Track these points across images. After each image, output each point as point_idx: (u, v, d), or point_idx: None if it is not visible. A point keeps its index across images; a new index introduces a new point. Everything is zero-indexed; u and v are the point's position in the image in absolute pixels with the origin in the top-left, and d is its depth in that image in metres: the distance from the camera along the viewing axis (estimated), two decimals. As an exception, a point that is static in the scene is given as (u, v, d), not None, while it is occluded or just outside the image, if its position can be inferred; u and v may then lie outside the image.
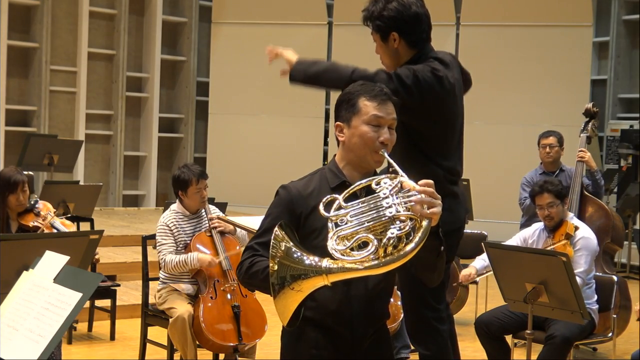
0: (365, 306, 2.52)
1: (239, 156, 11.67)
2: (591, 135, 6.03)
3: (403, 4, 3.40)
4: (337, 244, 2.23)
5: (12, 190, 4.56)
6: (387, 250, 2.19)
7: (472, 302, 6.57)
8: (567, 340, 4.66)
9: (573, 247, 4.84)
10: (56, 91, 10.69)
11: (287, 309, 2.24)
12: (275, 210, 2.55)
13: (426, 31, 3.45)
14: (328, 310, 2.50)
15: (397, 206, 2.24)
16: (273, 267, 2.20)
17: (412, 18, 3.40)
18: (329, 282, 2.20)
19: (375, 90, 2.54)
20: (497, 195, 9.69)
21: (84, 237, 3.63)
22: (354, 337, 2.53)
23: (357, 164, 2.54)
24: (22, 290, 2.29)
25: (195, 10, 11.78)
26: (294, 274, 2.20)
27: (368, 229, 2.23)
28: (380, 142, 2.49)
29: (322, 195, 2.40)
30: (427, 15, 3.46)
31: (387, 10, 3.40)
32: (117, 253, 7.70)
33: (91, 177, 10.93)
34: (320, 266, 2.19)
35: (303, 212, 2.50)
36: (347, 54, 11.80)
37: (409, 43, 3.44)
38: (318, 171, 2.62)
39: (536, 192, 5.03)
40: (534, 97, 10.69)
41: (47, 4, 10.38)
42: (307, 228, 2.49)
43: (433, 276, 2.52)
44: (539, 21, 10.79)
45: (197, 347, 4.63)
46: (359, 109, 2.51)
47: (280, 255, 2.22)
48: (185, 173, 4.84)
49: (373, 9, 3.45)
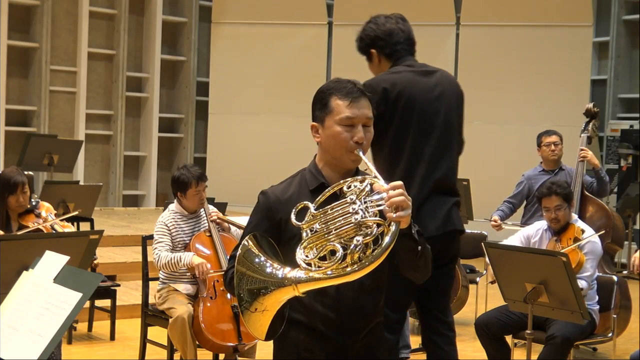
0: (354, 307, 2.48)
1: (239, 156, 11.67)
2: (591, 135, 6.03)
3: (377, 22, 3.83)
4: (306, 253, 2.20)
5: (12, 192, 4.56)
6: (355, 257, 2.15)
7: (472, 302, 6.57)
8: (567, 341, 4.66)
9: (581, 250, 4.82)
10: (56, 91, 10.69)
11: (259, 329, 2.20)
12: (254, 217, 2.52)
13: (402, 44, 3.79)
14: (316, 313, 2.46)
15: (364, 211, 2.20)
16: (235, 279, 2.18)
17: (385, 34, 3.79)
18: (299, 292, 2.16)
19: (347, 87, 2.48)
20: (497, 195, 9.65)
21: (84, 237, 3.63)
22: (344, 338, 2.49)
23: (335, 164, 2.50)
24: (22, 290, 2.29)
25: (195, 10, 11.78)
26: (252, 289, 2.16)
27: (337, 235, 2.20)
28: (354, 142, 2.43)
29: (301, 198, 2.37)
30: (404, 30, 3.82)
31: (364, 32, 3.85)
32: (117, 253, 7.70)
33: (91, 177, 10.93)
34: (279, 276, 2.15)
35: (282, 217, 2.45)
36: (347, 54, 11.82)
37: (386, 56, 3.82)
38: (299, 173, 2.58)
39: (544, 194, 4.98)
40: (534, 97, 10.69)
41: (47, 4, 10.38)
42: (287, 233, 2.44)
43: (416, 275, 2.48)
44: (539, 21, 10.79)
45: (197, 347, 4.63)
46: (331, 109, 2.46)
47: (240, 262, 2.20)
48: (185, 175, 4.83)
49: (357, 37, 3.89)
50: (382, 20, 3.82)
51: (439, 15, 11.03)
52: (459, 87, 3.92)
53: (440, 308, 3.86)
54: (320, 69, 11.46)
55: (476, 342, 5.09)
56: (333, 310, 2.47)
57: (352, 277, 2.14)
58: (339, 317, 2.47)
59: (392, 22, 3.81)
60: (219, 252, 4.79)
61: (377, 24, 3.82)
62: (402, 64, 3.78)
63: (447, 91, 3.81)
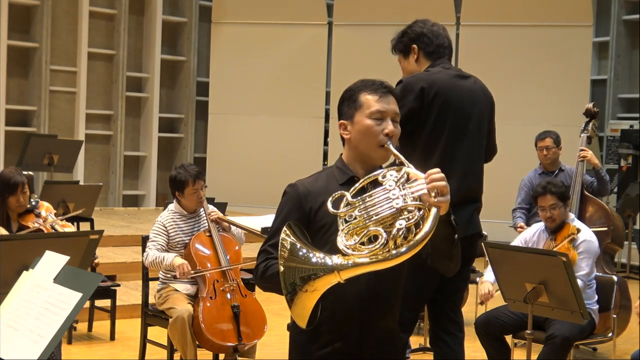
0: (374, 301, 2.49)
1: (238, 156, 11.67)
2: (591, 135, 6.03)
3: (425, 23, 3.92)
4: (347, 239, 2.23)
5: (12, 192, 4.56)
6: (397, 241, 2.18)
7: (472, 302, 6.57)
8: (567, 340, 4.66)
9: (576, 250, 4.83)
10: (56, 91, 10.69)
11: (304, 311, 2.22)
12: (284, 209, 2.55)
13: (445, 47, 3.88)
14: (337, 308, 2.46)
15: (404, 197, 2.24)
16: (281, 270, 2.20)
17: (432, 33, 3.88)
18: (342, 279, 2.19)
19: (376, 84, 2.55)
20: (497, 195, 9.67)
21: (84, 237, 3.63)
22: (363, 333, 2.50)
23: (363, 160, 2.54)
24: (22, 290, 2.29)
25: (195, 10, 11.78)
26: (303, 276, 2.19)
27: (377, 222, 2.23)
28: (384, 135, 2.48)
29: (331, 190, 2.39)
30: (448, 38, 3.93)
31: (411, 28, 3.92)
32: (117, 253, 7.70)
33: (91, 177, 10.93)
34: (329, 264, 2.18)
35: (312, 207, 2.50)
36: (347, 54, 11.86)
37: (427, 54, 3.87)
38: (325, 170, 2.62)
39: (539, 193, 5.01)
40: (534, 97, 10.68)
41: (47, 4, 10.37)
42: (317, 223, 2.48)
43: (450, 265, 2.51)
44: (539, 21, 10.79)
45: (197, 347, 4.63)
46: (361, 104, 2.52)
47: (287, 257, 2.21)
48: (182, 174, 4.83)
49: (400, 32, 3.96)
50: (430, 23, 3.93)
51: (439, 15, 10.99)
52: (491, 95, 3.99)
53: (453, 308, 3.92)
54: (320, 69, 11.46)
55: (476, 342, 5.08)
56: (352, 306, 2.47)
57: (394, 262, 2.17)
58: (358, 313, 2.47)
59: (440, 27, 3.94)
60: (218, 252, 4.79)
61: (425, 24, 3.91)
62: (439, 65, 3.83)
63: (480, 97, 3.88)
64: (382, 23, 10.62)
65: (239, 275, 4.82)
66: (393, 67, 4.18)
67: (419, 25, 3.90)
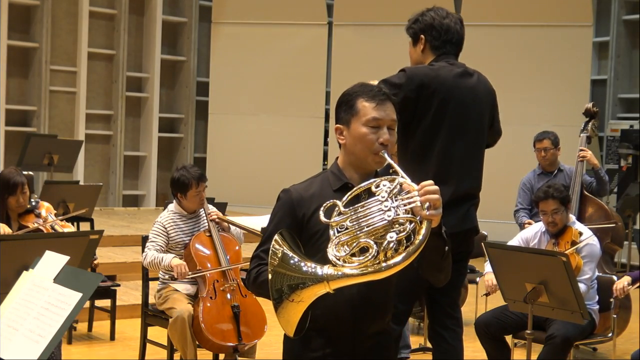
0: (366, 306, 2.50)
1: (239, 156, 11.67)
2: (591, 135, 6.03)
3: (438, 13, 3.82)
4: (337, 250, 2.23)
5: (12, 192, 4.56)
6: (388, 254, 2.18)
7: (472, 302, 6.57)
8: (567, 340, 4.66)
9: (579, 254, 4.82)
10: (56, 91, 10.69)
11: (290, 321, 2.23)
12: (277, 215, 2.54)
13: (452, 44, 3.80)
14: (328, 313, 2.46)
15: (396, 209, 2.23)
16: (270, 277, 2.20)
17: (442, 26, 3.78)
18: (331, 289, 2.19)
19: (374, 90, 2.52)
20: (497, 195, 9.69)
21: (84, 237, 3.63)
22: (355, 337, 2.51)
23: (358, 165, 2.53)
24: (22, 290, 2.29)
25: (195, 10, 11.78)
26: (292, 284, 2.19)
27: (368, 233, 2.22)
28: (380, 144, 2.47)
29: (324, 197, 2.40)
30: (460, 33, 3.84)
31: (423, 16, 3.83)
32: (117, 253, 7.70)
33: (91, 177, 10.92)
34: (319, 273, 2.18)
35: (305, 214, 2.49)
36: (347, 54, 11.86)
37: (432, 47, 3.80)
38: (320, 174, 2.61)
39: (540, 197, 4.97)
40: (534, 97, 10.68)
41: (47, 4, 10.37)
42: (310, 230, 2.47)
43: (440, 276, 2.51)
44: (539, 21, 10.79)
45: (197, 347, 4.63)
46: (357, 110, 2.50)
47: (278, 264, 2.21)
48: (185, 176, 4.83)
49: (412, 18, 3.88)
50: (443, 14, 3.82)
51: (439, 15, 11.02)
52: (492, 88, 3.94)
53: (451, 303, 3.90)
54: (320, 69, 11.46)
55: (476, 342, 5.08)
56: (345, 310, 2.47)
57: (383, 275, 2.17)
58: (350, 316, 2.48)
59: (453, 20, 3.82)
60: (218, 252, 4.79)
61: (438, 14, 3.81)
62: (443, 60, 3.79)
63: (482, 95, 3.84)
64: (382, 23, 10.63)
65: (239, 275, 4.81)
66: (393, 67, 4.16)
67: (431, 15, 3.81)
